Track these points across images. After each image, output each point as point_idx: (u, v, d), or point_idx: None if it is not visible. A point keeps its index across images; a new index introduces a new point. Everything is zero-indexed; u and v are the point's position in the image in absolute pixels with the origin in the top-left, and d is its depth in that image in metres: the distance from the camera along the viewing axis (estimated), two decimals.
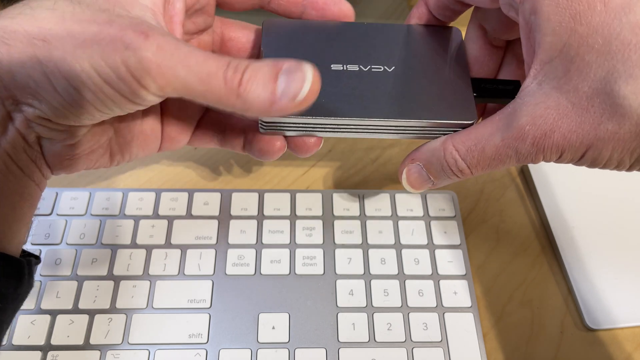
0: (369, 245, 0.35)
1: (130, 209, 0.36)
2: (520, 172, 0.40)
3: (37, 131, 0.23)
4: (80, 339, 0.31)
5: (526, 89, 0.23)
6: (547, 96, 0.22)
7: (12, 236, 0.23)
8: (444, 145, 0.26)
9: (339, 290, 0.33)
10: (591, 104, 0.21)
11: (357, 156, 0.41)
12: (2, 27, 0.21)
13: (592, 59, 0.21)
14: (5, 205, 0.23)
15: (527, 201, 0.39)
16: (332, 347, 0.31)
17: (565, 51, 0.21)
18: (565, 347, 0.33)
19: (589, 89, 0.21)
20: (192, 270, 0.33)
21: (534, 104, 0.22)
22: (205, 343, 0.31)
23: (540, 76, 0.22)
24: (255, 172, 0.39)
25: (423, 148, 0.28)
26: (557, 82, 0.22)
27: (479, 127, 0.25)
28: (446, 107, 0.27)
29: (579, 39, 0.21)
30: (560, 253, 0.36)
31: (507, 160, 0.24)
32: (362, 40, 0.29)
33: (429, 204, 0.37)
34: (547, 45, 0.22)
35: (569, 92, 0.21)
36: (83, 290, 0.32)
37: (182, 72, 0.22)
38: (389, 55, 0.28)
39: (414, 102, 0.27)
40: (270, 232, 0.35)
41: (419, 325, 0.32)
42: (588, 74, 0.21)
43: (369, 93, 0.27)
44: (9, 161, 0.22)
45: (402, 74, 0.28)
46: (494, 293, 0.35)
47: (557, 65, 0.21)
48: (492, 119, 0.24)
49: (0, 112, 0.22)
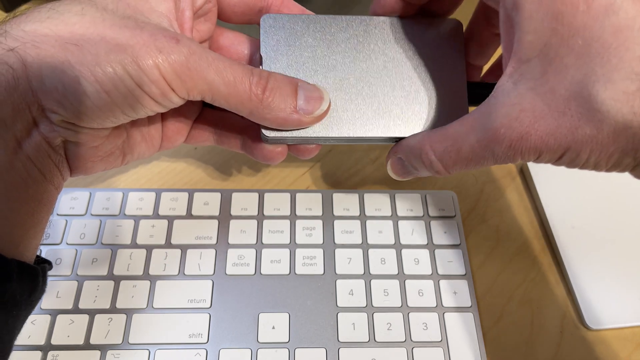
0: (369, 245, 0.35)
1: (130, 209, 0.36)
2: (520, 172, 0.40)
3: (64, 135, 0.23)
4: (80, 339, 0.31)
5: (501, 87, 0.22)
6: (522, 97, 0.21)
7: (29, 242, 0.23)
8: (420, 144, 0.26)
9: (339, 290, 0.33)
10: (568, 107, 0.20)
11: (357, 156, 0.41)
12: (31, 31, 0.22)
13: (570, 62, 0.20)
14: (24, 212, 0.22)
15: (527, 201, 0.39)
16: (332, 347, 0.31)
17: (544, 51, 0.21)
18: (565, 347, 0.33)
19: (566, 91, 0.20)
20: (192, 270, 0.34)
21: (509, 105, 0.22)
22: (205, 343, 0.31)
23: (516, 75, 0.22)
24: (255, 172, 0.39)
25: (403, 143, 0.28)
26: (533, 82, 0.21)
27: (455, 125, 0.25)
28: (439, 117, 0.28)
29: (559, 40, 0.20)
30: (560, 253, 0.36)
31: (484, 161, 0.24)
32: (360, 38, 0.28)
33: (429, 204, 0.37)
34: (527, 44, 0.21)
35: (546, 94, 0.21)
36: (83, 290, 0.32)
37: (210, 75, 0.23)
38: (387, 56, 0.28)
39: (410, 114, 0.28)
40: (270, 232, 0.35)
41: (419, 325, 0.32)
42: (565, 76, 0.20)
43: (367, 107, 0.28)
44: (31, 166, 0.22)
45: (398, 81, 0.28)
46: (494, 293, 0.35)
47: (535, 65, 0.21)
48: (468, 118, 0.24)
49: (25, 117, 0.22)
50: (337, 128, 0.28)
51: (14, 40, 0.21)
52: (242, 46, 0.30)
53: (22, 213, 0.22)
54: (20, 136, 0.22)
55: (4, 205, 0.21)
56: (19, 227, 0.22)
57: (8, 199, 0.21)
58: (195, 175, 0.39)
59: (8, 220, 0.22)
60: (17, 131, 0.21)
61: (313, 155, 0.30)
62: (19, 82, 0.21)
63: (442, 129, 0.25)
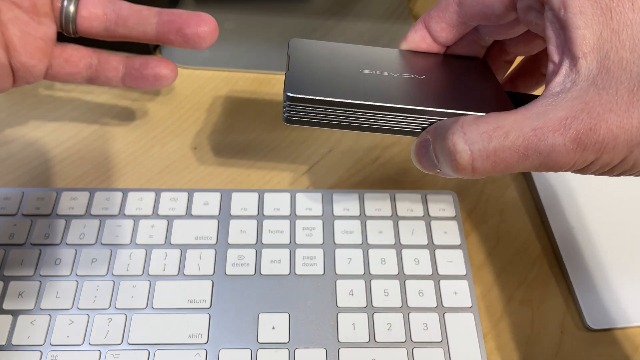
0: (369, 245, 0.35)
1: (130, 209, 0.36)
2: (520, 172, 0.40)
3: None
4: (79, 339, 0.31)
5: (557, 87, 0.21)
6: (585, 91, 0.20)
7: None
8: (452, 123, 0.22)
9: (339, 290, 0.33)
10: (635, 99, 0.20)
11: (357, 156, 0.41)
12: None
13: (625, 55, 0.20)
14: None
15: (527, 201, 0.39)
16: (332, 347, 0.31)
17: (599, 45, 0.21)
18: (566, 347, 0.33)
19: (630, 83, 0.20)
20: (192, 270, 0.33)
21: (572, 99, 0.20)
22: (205, 343, 0.31)
23: (573, 74, 0.21)
24: (255, 172, 0.39)
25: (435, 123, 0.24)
26: (593, 78, 0.21)
27: (499, 113, 0.21)
28: (481, 101, 0.25)
29: (611, 34, 0.20)
30: (561, 253, 0.36)
31: (529, 159, 0.20)
32: (391, 66, 0.27)
33: (429, 204, 0.37)
34: (580, 40, 0.21)
35: (610, 88, 0.20)
36: (82, 290, 0.32)
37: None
38: (419, 80, 0.27)
39: (449, 93, 0.26)
40: (270, 232, 0.35)
41: (419, 325, 0.32)
42: (625, 68, 0.20)
43: (405, 89, 0.25)
44: None
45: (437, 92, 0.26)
46: (494, 293, 0.35)
47: (592, 60, 0.21)
48: (515, 111, 0.21)
49: None
50: (367, 95, 0.24)
51: None
52: None
53: None
54: None
55: None
56: None
57: None
58: (195, 175, 0.39)
59: None
60: None
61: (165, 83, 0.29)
62: None
63: (482, 116, 0.22)
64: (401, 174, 0.40)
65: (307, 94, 0.24)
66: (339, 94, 0.24)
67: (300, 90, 0.24)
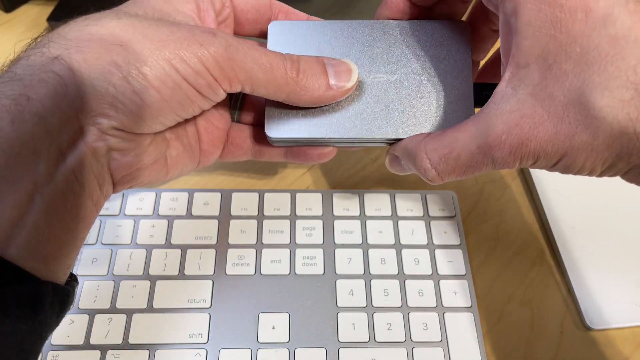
0: (369, 245, 0.35)
1: (130, 209, 0.36)
2: (520, 172, 0.40)
3: (110, 143, 0.22)
4: (80, 338, 0.31)
5: (500, 93, 0.23)
6: (523, 103, 0.22)
7: (62, 260, 0.22)
8: (417, 149, 0.26)
9: (339, 290, 0.33)
10: (566, 114, 0.21)
11: (357, 156, 0.41)
12: (74, 38, 0.22)
13: (569, 68, 0.20)
14: (60, 229, 0.21)
15: (527, 201, 0.39)
16: (332, 347, 0.31)
17: (543, 57, 0.21)
18: (565, 347, 0.33)
19: (565, 98, 0.21)
20: (192, 270, 0.34)
21: (510, 112, 0.22)
22: (205, 343, 0.31)
23: (515, 80, 0.22)
24: (255, 172, 0.39)
25: (401, 144, 0.28)
26: (532, 88, 0.21)
27: (453, 131, 0.24)
28: (445, 118, 0.28)
29: (557, 46, 0.21)
30: (560, 253, 0.36)
31: (483, 167, 0.24)
32: (366, 42, 0.29)
33: (429, 204, 0.37)
34: (525, 49, 0.21)
35: (545, 100, 0.21)
36: (83, 290, 0.32)
37: (249, 63, 0.24)
38: (392, 58, 0.28)
39: (414, 116, 0.28)
40: (270, 232, 0.35)
41: (419, 325, 0.32)
42: (564, 82, 0.21)
43: (371, 108, 0.28)
44: (73, 179, 0.21)
45: (404, 82, 0.28)
46: (494, 293, 0.35)
47: (534, 70, 0.21)
48: (467, 124, 0.24)
49: (72, 126, 0.21)
50: (341, 129, 0.28)
51: (57, 48, 0.21)
52: None
53: (58, 229, 0.21)
54: (65, 147, 0.21)
55: (41, 220, 0.20)
56: (54, 245, 0.21)
57: (45, 213, 0.20)
58: (195, 175, 0.39)
59: (43, 236, 0.20)
60: (63, 142, 0.21)
61: (328, 159, 0.30)
62: (67, 89, 0.20)
63: (439, 135, 0.25)
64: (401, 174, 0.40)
65: (285, 135, 0.28)
66: (313, 130, 0.28)
67: (279, 130, 0.28)
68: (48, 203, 0.20)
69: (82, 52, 0.21)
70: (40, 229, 0.20)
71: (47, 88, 0.20)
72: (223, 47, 0.23)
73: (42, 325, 0.20)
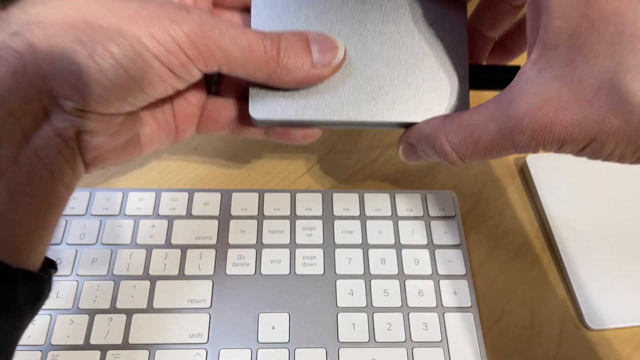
0: (369, 245, 0.35)
1: (130, 209, 0.36)
2: (520, 172, 0.40)
3: (77, 125, 0.21)
4: (80, 339, 0.31)
5: (525, 74, 0.22)
6: (548, 86, 0.20)
7: (34, 246, 0.21)
8: (435, 133, 0.25)
9: (339, 290, 0.33)
10: (596, 98, 0.19)
11: (357, 156, 0.41)
12: (35, 13, 0.20)
13: (601, 49, 0.19)
14: (28, 214, 0.20)
15: (527, 201, 0.39)
16: (332, 347, 0.31)
17: (573, 38, 0.20)
18: (565, 347, 0.33)
19: (595, 81, 0.19)
20: (192, 270, 0.33)
21: (534, 94, 0.21)
22: (205, 343, 0.31)
23: (541, 62, 0.21)
24: (255, 172, 0.39)
25: (416, 130, 0.27)
26: (559, 70, 0.20)
27: (472, 113, 0.24)
28: (439, 100, 0.26)
29: (589, 26, 0.19)
30: (560, 253, 0.36)
31: (504, 151, 0.23)
32: (357, 17, 0.27)
33: (429, 204, 0.37)
34: (555, 30, 0.20)
35: (572, 83, 0.20)
36: (83, 290, 0.32)
37: (225, 42, 0.22)
38: (384, 35, 0.27)
39: (406, 98, 0.26)
40: (271, 232, 0.35)
41: (419, 325, 0.32)
42: (595, 64, 0.19)
43: (361, 89, 0.26)
44: (38, 163, 0.20)
45: (395, 61, 0.27)
46: (494, 293, 0.35)
47: (562, 52, 0.20)
48: (487, 106, 0.23)
49: (35, 107, 0.20)
50: (330, 111, 0.26)
51: (17, 24, 0.20)
52: None
53: (26, 214, 0.20)
54: (28, 129, 0.20)
55: (6, 206, 0.19)
56: (23, 230, 0.20)
57: (10, 199, 0.20)
58: (195, 175, 0.39)
59: (10, 222, 0.20)
60: (26, 123, 0.20)
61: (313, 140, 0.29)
62: (27, 67, 0.19)
63: (457, 116, 0.24)
64: (401, 174, 0.40)
65: (270, 116, 0.26)
66: (301, 112, 0.26)
67: (263, 111, 0.26)
68: (13, 187, 0.20)
69: (43, 28, 0.20)
70: (6, 215, 0.19)
71: (5, 66, 0.19)
72: (197, 24, 0.22)
73: (16, 315, 0.20)
